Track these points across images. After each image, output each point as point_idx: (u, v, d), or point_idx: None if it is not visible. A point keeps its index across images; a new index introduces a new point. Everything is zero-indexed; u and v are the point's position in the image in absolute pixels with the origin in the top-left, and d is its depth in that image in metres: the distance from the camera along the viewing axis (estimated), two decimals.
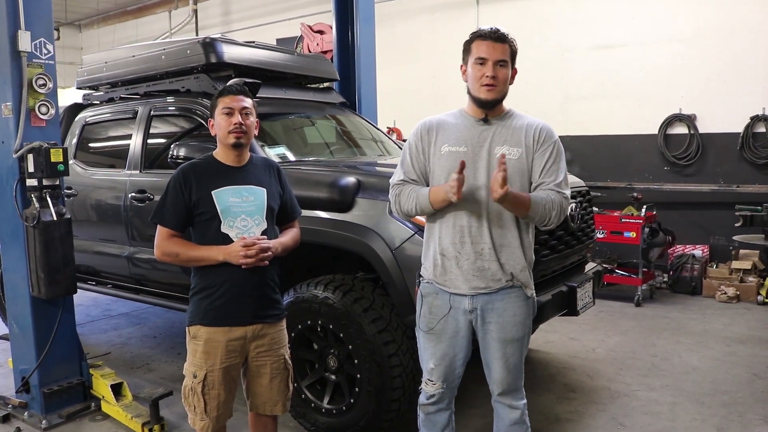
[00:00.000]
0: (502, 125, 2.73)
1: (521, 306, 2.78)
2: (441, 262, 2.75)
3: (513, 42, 2.69)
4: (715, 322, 6.28)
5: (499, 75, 2.63)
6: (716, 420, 4.11)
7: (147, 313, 6.93)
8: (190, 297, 2.95)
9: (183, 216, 2.84)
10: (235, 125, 2.83)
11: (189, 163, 2.95)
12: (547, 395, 4.51)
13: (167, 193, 2.86)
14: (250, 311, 2.86)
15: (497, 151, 2.66)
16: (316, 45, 10.31)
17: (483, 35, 2.65)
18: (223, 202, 2.83)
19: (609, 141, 8.40)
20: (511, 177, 2.58)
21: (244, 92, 2.92)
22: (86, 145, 5.61)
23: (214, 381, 2.85)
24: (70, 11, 14.98)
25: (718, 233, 7.75)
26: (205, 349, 2.85)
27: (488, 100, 2.67)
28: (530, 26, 8.73)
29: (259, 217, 2.89)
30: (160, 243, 2.86)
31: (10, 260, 4.23)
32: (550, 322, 4.44)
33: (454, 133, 2.74)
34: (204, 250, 2.81)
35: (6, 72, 3.91)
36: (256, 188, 2.91)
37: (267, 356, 2.94)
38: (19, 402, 4.25)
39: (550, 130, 2.76)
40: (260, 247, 2.78)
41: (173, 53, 4.90)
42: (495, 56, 2.62)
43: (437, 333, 2.81)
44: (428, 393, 2.91)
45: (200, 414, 2.87)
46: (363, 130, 5.61)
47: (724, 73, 7.52)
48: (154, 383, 4.72)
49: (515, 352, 2.81)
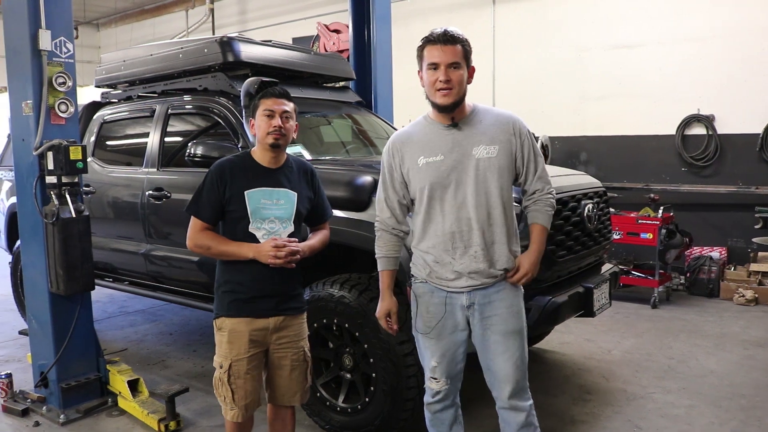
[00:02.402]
0: (471, 125, 2.74)
1: (516, 295, 2.83)
2: (434, 266, 2.77)
3: (465, 42, 2.67)
4: (732, 325, 6.22)
5: (453, 78, 2.61)
6: (734, 424, 4.07)
7: (163, 310, 6.98)
8: (215, 290, 3.01)
9: (217, 210, 2.92)
10: (275, 128, 2.89)
11: (226, 159, 3.02)
12: (562, 397, 4.49)
13: (203, 186, 2.94)
14: (273, 304, 2.94)
15: (474, 152, 2.69)
16: (332, 44, 10.31)
17: (432, 40, 2.64)
18: (254, 202, 2.89)
19: (626, 141, 8.34)
20: (492, 175, 2.68)
21: (286, 96, 2.98)
22: (104, 143, 5.65)
23: (240, 371, 2.92)
24: (88, 10, 15.10)
25: (736, 235, 7.68)
26: (229, 339, 2.93)
27: (446, 105, 2.66)
28: (546, 26, 8.70)
29: (288, 220, 2.96)
30: (192, 235, 2.94)
31: (30, 256, 4.28)
32: (566, 323, 4.43)
33: (425, 143, 2.75)
34: (235, 246, 2.89)
35: (27, 70, 3.96)
36: (288, 191, 2.97)
37: (288, 348, 3.01)
38: (38, 396, 4.30)
39: (519, 120, 2.80)
40: (290, 250, 2.87)
41: (191, 52, 4.92)
42: (446, 60, 2.61)
43: (438, 332, 2.82)
44: (433, 390, 2.91)
45: (229, 403, 2.96)
46: (379, 129, 5.61)
47: (743, 73, 7.45)
48: (170, 380, 4.75)
49: (518, 345, 2.80)
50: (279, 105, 2.92)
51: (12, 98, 4.13)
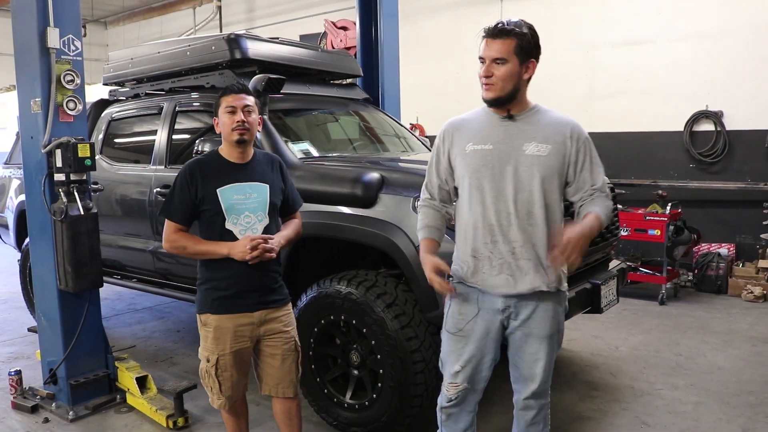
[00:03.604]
0: (528, 121, 2.65)
1: (554, 302, 2.72)
2: (472, 262, 2.70)
3: (521, 35, 2.53)
4: (740, 322, 6.20)
5: (496, 73, 2.54)
6: (742, 420, 4.06)
7: (171, 307, 7.00)
8: (197, 286, 3.08)
9: (189, 211, 2.99)
10: (238, 123, 2.95)
11: (194, 160, 3.09)
12: (569, 393, 4.49)
13: (174, 188, 3.01)
14: (255, 299, 3.01)
15: (525, 147, 2.60)
16: (339, 41, 10.31)
17: (484, 33, 2.58)
18: (227, 199, 2.95)
19: (634, 138, 8.31)
20: (538, 173, 2.58)
21: (245, 91, 3.05)
22: (112, 141, 5.67)
23: (226, 364, 3.01)
24: (96, 8, 15.16)
25: (745, 232, 7.64)
26: (215, 336, 3.00)
27: (487, 100, 2.62)
28: (555, 22, 8.66)
29: (262, 213, 3.02)
30: (168, 236, 3.01)
31: (38, 254, 4.30)
32: (574, 319, 4.41)
33: (478, 131, 2.69)
34: (210, 245, 2.96)
35: (35, 68, 3.97)
36: (259, 185, 3.03)
37: (278, 338, 3.08)
38: (47, 393, 4.32)
39: (580, 127, 2.69)
40: (264, 247, 2.93)
41: (198, 49, 4.93)
42: (490, 54, 2.54)
43: (466, 334, 2.74)
44: (450, 396, 2.82)
45: (216, 393, 3.07)
46: (386, 127, 5.61)
47: (751, 69, 7.40)
48: (178, 376, 4.77)
49: (549, 349, 2.73)
50: (239, 100, 2.98)
51: (20, 96, 4.14)
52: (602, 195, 2.67)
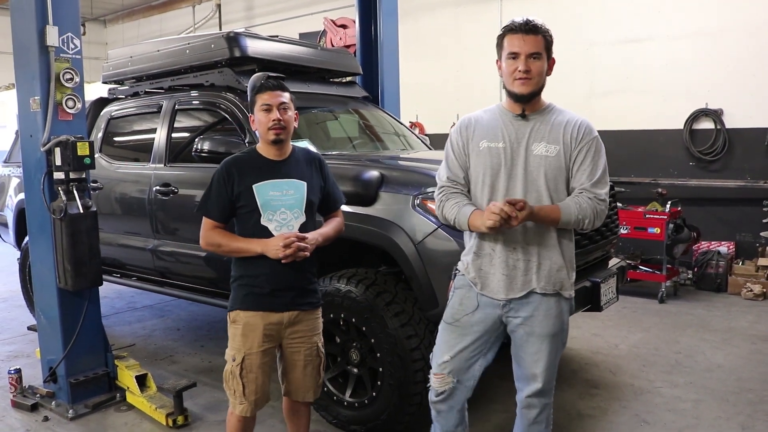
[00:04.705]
0: (541, 121, 2.66)
1: (558, 301, 2.72)
2: (476, 260, 2.71)
3: (546, 32, 2.60)
4: (740, 320, 6.20)
5: (533, 68, 2.56)
6: (741, 418, 4.06)
7: (170, 305, 7.00)
8: (231, 284, 3.03)
9: (226, 209, 2.95)
10: (274, 122, 2.90)
11: (232, 157, 3.04)
12: (569, 391, 4.49)
13: (211, 186, 2.97)
14: (288, 299, 2.96)
15: (534, 147, 2.61)
16: (339, 39, 10.31)
17: (514, 28, 2.58)
18: (263, 195, 2.91)
19: (634, 136, 8.31)
20: (545, 174, 2.58)
21: (281, 87, 2.98)
22: (111, 139, 5.67)
23: (252, 364, 2.93)
24: (95, 7, 15.15)
25: (745, 230, 7.64)
26: (243, 332, 2.94)
27: (523, 94, 2.60)
28: (555, 20, 8.50)
29: (299, 210, 2.96)
30: (204, 234, 2.98)
31: (38, 252, 4.30)
32: (573, 317, 4.37)
33: (492, 128, 2.69)
34: (244, 243, 2.92)
35: (34, 67, 3.97)
36: (296, 182, 2.98)
37: (301, 343, 3.02)
38: (47, 392, 4.32)
39: (590, 127, 2.68)
40: (298, 246, 2.85)
41: (197, 48, 4.93)
42: (527, 50, 2.55)
43: (462, 326, 2.75)
44: (437, 390, 2.84)
45: (239, 397, 2.96)
46: (386, 125, 5.61)
47: (751, 67, 7.40)
48: (178, 375, 4.77)
49: (553, 349, 2.73)
50: (275, 98, 2.93)
51: (20, 94, 4.14)
52: (589, 195, 2.62)
